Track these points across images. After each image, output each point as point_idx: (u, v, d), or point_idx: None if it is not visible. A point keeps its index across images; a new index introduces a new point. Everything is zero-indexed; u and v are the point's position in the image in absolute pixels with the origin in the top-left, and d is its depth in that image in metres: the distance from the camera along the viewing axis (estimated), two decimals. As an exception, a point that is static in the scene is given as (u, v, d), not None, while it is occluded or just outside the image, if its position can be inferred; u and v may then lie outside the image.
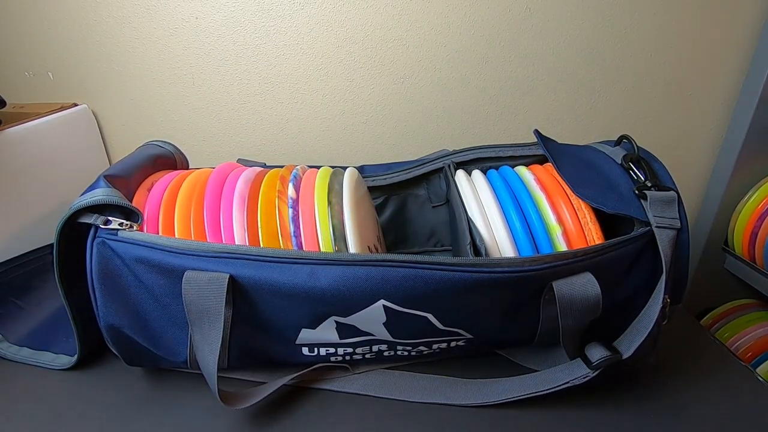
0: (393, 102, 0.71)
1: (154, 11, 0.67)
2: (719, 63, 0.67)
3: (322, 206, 0.40)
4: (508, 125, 0.71)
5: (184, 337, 0.39)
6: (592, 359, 0.38)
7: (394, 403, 0.41)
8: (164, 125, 0.75)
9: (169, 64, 0.70)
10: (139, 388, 0.43)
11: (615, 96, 0.69)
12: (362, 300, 0.36)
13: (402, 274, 0.35)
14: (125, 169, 0.42)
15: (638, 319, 0.39)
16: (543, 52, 0.67)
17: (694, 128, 0.71)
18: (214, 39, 0.68)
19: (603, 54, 0.67)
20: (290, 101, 0.72)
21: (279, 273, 0.35)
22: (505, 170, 0.47)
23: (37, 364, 0.45)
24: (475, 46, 0.67)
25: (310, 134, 0.74)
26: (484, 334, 0.41)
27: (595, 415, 0.39)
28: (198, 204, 0.40)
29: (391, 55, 0.68)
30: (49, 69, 0.73)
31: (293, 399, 0.41)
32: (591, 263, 0.37)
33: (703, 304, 0.78)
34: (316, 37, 0.67)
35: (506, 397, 0.40)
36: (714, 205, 0.71)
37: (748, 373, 0.44)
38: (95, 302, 0.38)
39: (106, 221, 0.37)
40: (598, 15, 0.64)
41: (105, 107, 0.74)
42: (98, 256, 0.37)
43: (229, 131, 0.75)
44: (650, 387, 0.42)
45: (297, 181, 0.42)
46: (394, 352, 0.42)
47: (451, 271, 0.35)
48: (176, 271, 0.36)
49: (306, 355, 0.42)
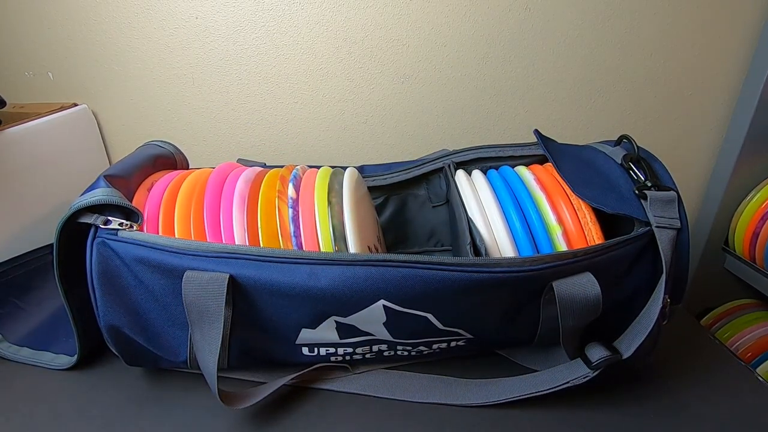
0: (393, 102, 0.71)
1: (154, 11, 0.67)
2: (719, 63, 0.67)
3: (322, 206, 0.40)
4: (508, 125, 0.71)
5: (184, 336, 0.39)
6: (592, 359, 0.38)
7: (394, 403, 0.41)
8: (164, 125, 0.75)
9: (169, 64, 0.70)
10: (139, 388, 0.43)
11: (615, 96, 0.69)
12: (362, 300, 0.36)
13: (402, 274, 0.35)
14: (125, 169, 0.42)
15: (638, 319, 0.39)
16: (543, 52, 0.67)
17: (694, 128, 0.71)
18: (214, 39, 0.68)
19: (603, 54, 0.67)
20: (290, 101, 0.72)
21: (279, 273, 0.35)
22: (505, 170, 0.47)
23: (37, 364, 0.45)
24: (475, 46, 0.67)
25: (310, 134, 0.74)
26: (484, 334, 0.41)
27: (595, 415, 0.39)
28: (198, 204, 0.40)
29: (391, 55, 0.68)
30: (49, 69, 0.73)
31: (293, 399, 0.41)
32: (591, 263, 0.37)
33: (703, 304, 0.78)
34: (316, 37, 0.67)
35: (506, 397, 0.40)
36: (714, 205, 0.71)
37: (748, 373, 0.44)
38: (95, 302, 0.38)
39: (106, 221, 0.37)
40: (599, 15, 0.64)
41: (105, 107, 0.74)
42: (98, 256, 0.37)
43: (229, 131, 0.75)
44: (650, 387, 0.42)
45: (297, 181, 0.42)
46: (394, 352, 0.42)
47: (451, 271, 0.35)
48: (176, 271, 0.36)
49: (306, 355, 0.42)
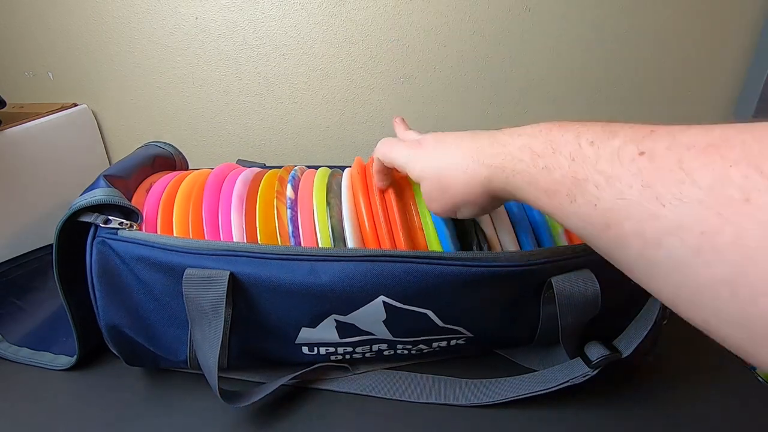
0: (393, 102, 0.71)
1: (154, 11, 0.67)
2: (719, 63, 0.67)
3: (321, 207, 0.40)
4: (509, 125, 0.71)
5: (185, 336, 0.39)
6: (591, 358, 0.38)
7: (394, 403, 0.41)
8: (164, 125, 0.75)
9: (169, 64, 0.70)
10: (139, 388, 0.43)
11: (615, 96, 0.69)
12: (362, 296, 0.36)
13: (402, 269, 0.35)
14: (124, 170, 0.42)
15: (638, 317, 0.39)
16: (543, 52, 0.67)
17: (694, 128, 0.71)
18: (214, 39, 0.68)
19: (603, 54, 0.67)
20: (290, 101, 0.72)
21: (279, 270, 0.35)
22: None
23: (36, 364, 0.45)
24: (475, 46, 0.67)
25: (310, 134, 0.74)
26: (484, 332, 0.41)
27: (595, 415, 0.39)
28: (196, 205, 0.40)
29: (391, 55, 0.68)
30: (49, 69, 0.73)
31: (293, 399, 0.41)
32: (590, 260, 0.37)
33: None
34: (316, 37, 0.67)
35: (506, 397, 0.40)
36: (714, 205, 0.71)
37: (748, 373, 0.44)
38: (95, 302, 0.38)
39: (106, 220, 0.37)
40: (598, 15, 0.64)
41: (105, 107, 0.74)
42: (98, 256, 0.37)
43: (229, 131, 0.75)
44: (650, 386, 0.42)
45: (295, 181, 0.42)
46: (394, 351, 0.42)
47: (450, 265, 0.35)
48: (176, 269, 0.36)
49: (306, 355, 0.42)
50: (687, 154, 0.18)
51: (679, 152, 0.18)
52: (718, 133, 0.18)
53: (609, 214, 0.20)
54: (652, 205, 0.18)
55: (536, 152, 0.25)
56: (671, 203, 0.18)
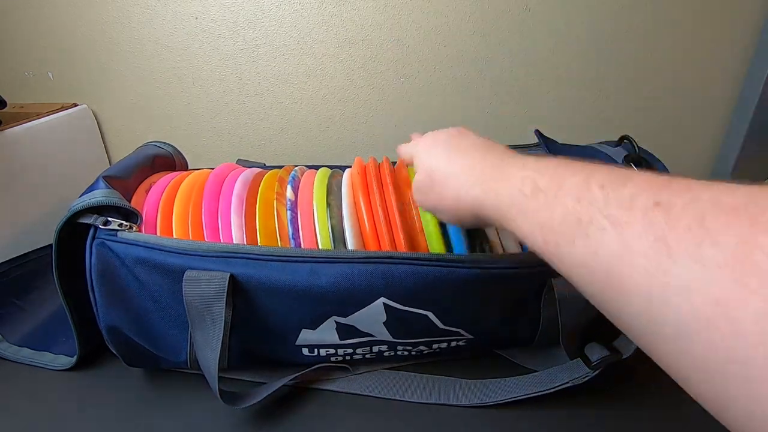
0: (393, 102, 0.71)
1: (154, 11, 0.67)
2: (719, 63, 0.67)
3: (321, 208, 0.40)
4: (509, 125, 0.71)
5: (184, 337, 0.39)
6: (591, 359, 0.38)
7: (394, 403, 0.41)
8: (164, 125, 0.75)
9: (169, 65, 0.70)
10: (139, 388, 0.43)
11: (615, 96, 0.69)
12: (362, 298, 0.36)
13: (402, 271, 0.35)
14: (124, 170, 0.42)
15: (638, 319, 0.39)
16: (543, 52, 0.67)
17: (694, 128, 0.71)
18: (214, 39, 0.68)
19: (603, 54, 0.67)
20: (290, 101, 0.72)
21: (279, 272, 0.35)
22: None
23: (37, 365, 0.45)
24: (475, 46, 0.67)
25: (310, 134, 0.74)
26: (484, 333, 0.41)
27: (595, 415, 0.39)
28: (196, 206, 0.40)
29: (391, 55, 0.68)
30: (49, 69, 0.73)
31: (293, 399, 0.41)
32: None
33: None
34: (316, 37, 0.67)
35: (506, 397, 0.40)
36: (714, 205, 0.71)
37: (748, 373, 0.44)
38: (95, 303, 0.38)
39: (105, 222, 0.37)
40: (598, 15, 0.64)
41: (105, 107, 0.74)
42: (98, 257, 0.37)
43: (228, 131, 0.75)
44: (650, 387, 0.42)
45: (295, 182, 0.42)
46: (394, 352, 0.42)
47: (451, 267, 0.35)
48: (176, 271, 0.36)
49: (306, 356, 0.42)
50: (709, 213, 0.16)
51: (699, 209, 0.16)
52: (743, 193, 0.16)
53: (612, 261, 0.18)
54: (664, 261, 0.16)
55: (539, 186, 0.23)
56: (685, 263, 0.16)
